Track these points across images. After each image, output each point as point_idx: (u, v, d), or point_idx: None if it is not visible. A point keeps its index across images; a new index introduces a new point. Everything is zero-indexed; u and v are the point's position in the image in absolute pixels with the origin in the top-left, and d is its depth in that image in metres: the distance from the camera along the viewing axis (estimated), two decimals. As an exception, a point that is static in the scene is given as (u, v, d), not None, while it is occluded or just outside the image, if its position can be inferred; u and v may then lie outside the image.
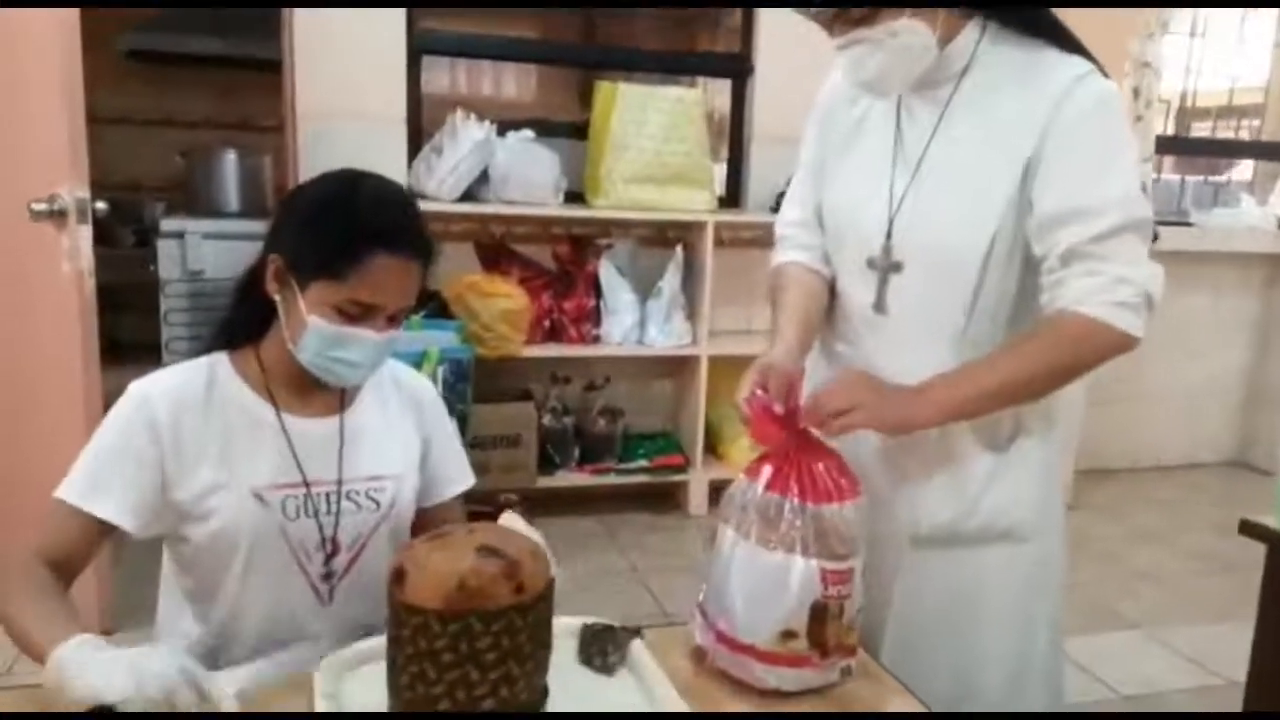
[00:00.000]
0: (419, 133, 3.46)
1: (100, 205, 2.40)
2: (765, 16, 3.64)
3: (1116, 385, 4.17)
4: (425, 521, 1.31)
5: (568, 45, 3.83)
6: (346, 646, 1.09)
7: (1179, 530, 3.71)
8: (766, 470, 1.18)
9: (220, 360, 1.24)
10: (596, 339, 3.51)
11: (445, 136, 3.26)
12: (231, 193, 3.99)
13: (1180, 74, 4.47)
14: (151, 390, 1.18)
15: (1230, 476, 4.51)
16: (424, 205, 1.30)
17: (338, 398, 1.27)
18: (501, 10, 3.93)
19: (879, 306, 1.29)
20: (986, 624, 1.32)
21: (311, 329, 1.14)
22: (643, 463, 3.61)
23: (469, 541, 1.00)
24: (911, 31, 1.15)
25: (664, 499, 3.70)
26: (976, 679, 1.31)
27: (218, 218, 3.79)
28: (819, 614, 1.12)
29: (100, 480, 1.15)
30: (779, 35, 3.60)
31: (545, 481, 3.44)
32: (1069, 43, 1.21)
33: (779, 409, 1.20)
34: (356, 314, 1.14)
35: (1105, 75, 1.19)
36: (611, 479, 3.55)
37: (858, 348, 1.33)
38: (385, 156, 3.25)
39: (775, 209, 3.64)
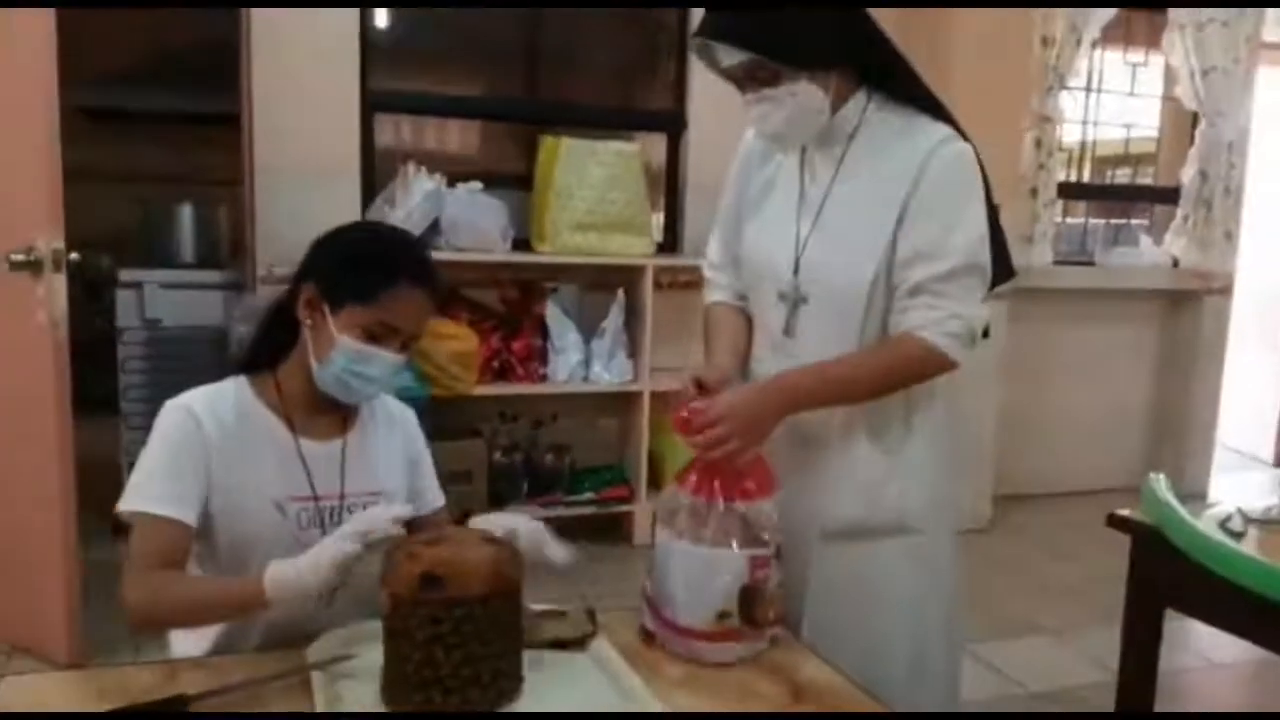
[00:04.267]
0: (372, 185, 3.64)
1: (74, 256, 2.52)
2: (697, 77, 3.91)
3: (1030, 411, 4.45)
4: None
5: (513, 100, 4.05)
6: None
7: (1091, 549, 3.96)
8: (693, 476, 1.39)
9: (241, 383, 1.42)
10: (544, 377, 3.69)
11: (397, 188, 3.44)
12: (187, 244, 4.14)
13: (1080, 126, 4.84)
14: (191, 404, 1.36)
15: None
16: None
17: (342, 421, 1.45)
18: (450, 68, 4.15)
19: (788, 331, 1.51)
20: (887, 611, 1.50)
21: (341, 346, 1.34)
22: (590, 495, 3.79)
23: (468, 537, 1.22)
24: (808, 93, 1.39)
25: (611, 530, 3.87)
26: (880, 664, 1.46)
27: (174, 268, 3.97)
28: (748, 595, 1.33)
29: (176, 487, 1.31)
30: (709, 94, 3.84)
31: (496, 515, 3.58)
32: (938, 110, 1.46)
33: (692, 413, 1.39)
34: (380, 335, 1.35)
35: (965, 139, 1.43)
36: (560, 511, 3.72)
37: (769, 367, 1.54)
38: (339, 207, 3.38)
39: (710, 253, 3.93)
